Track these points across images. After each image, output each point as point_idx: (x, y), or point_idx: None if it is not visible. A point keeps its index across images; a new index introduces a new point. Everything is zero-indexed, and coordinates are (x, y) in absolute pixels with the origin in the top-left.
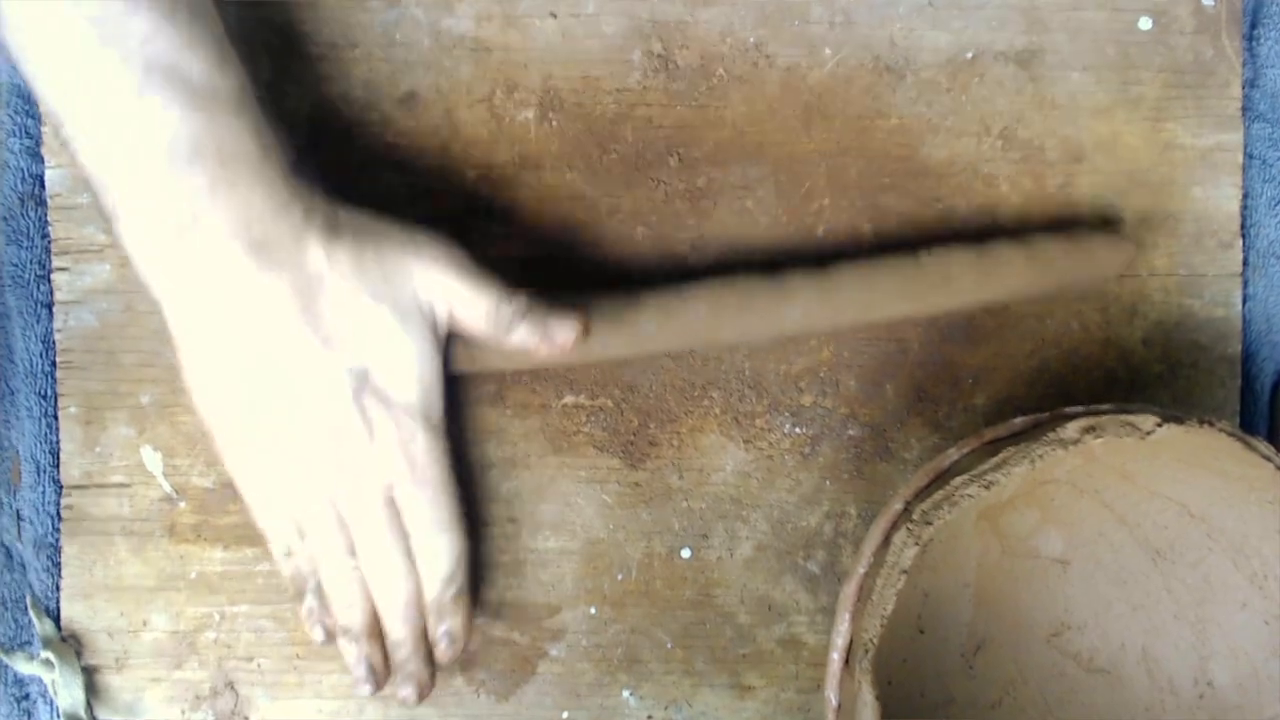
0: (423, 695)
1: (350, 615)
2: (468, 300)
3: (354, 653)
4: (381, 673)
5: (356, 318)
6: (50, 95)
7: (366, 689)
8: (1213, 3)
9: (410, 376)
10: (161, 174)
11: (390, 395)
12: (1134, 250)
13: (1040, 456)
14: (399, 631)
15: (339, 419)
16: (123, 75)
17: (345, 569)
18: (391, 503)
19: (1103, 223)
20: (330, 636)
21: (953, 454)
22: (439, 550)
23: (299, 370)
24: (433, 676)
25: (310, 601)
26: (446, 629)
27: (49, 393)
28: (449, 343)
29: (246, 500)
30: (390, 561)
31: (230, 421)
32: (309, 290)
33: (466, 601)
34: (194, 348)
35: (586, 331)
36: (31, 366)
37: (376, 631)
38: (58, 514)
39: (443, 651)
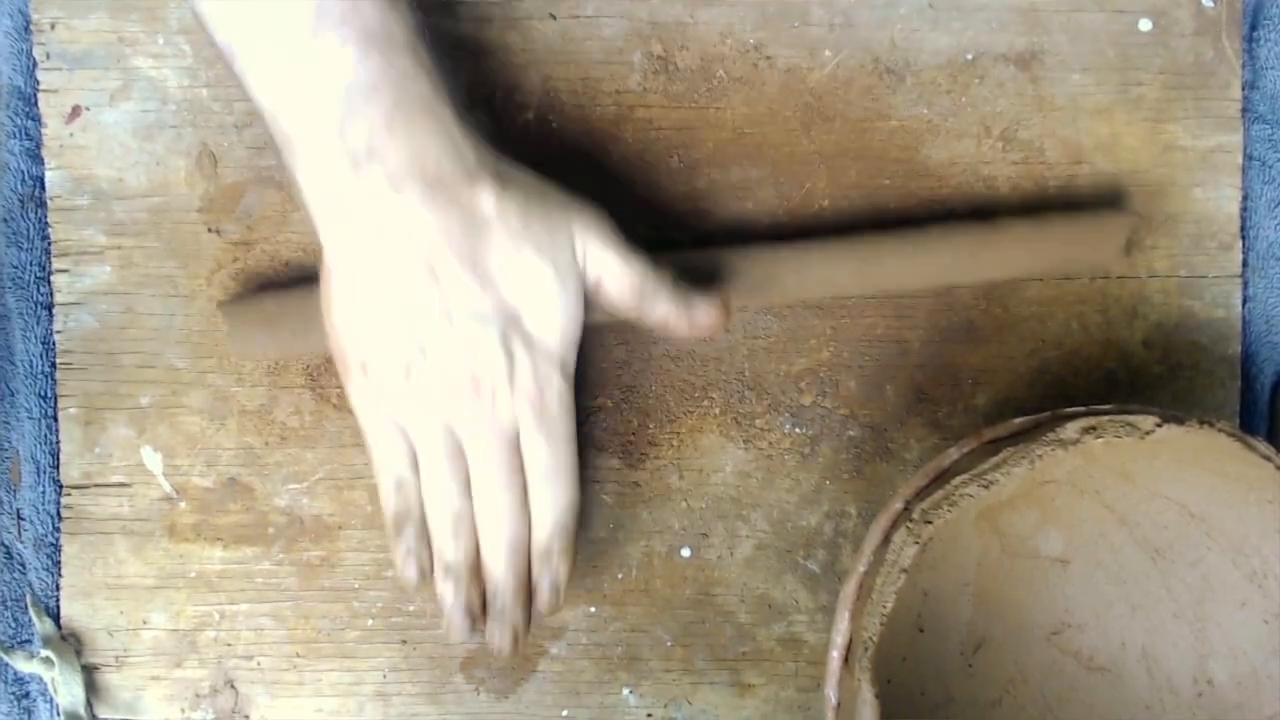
0: (517, 644)
1: (455, 553)
2: (617, 271)
3: (452, 593)
4: (478, 616)
5: (518, 266)
6: (223, 30)
7: (462, 631)
8: (1213, 4)
9: (557, 327)
10: (339, 111)
11: (535, 340)
12: (1138, 221)
13: (1040, 456)
14: (502, 574)
15: (483, 354)
16: (298, 15)
17: (456, 505)
18: (515, 445)
19: (1106, 205)
20: (424, 577)
21: (953, 454)
22: (554, 498)
23: (453, 304)
24: (528, 627)
25: (409, 539)
26: (551, 578)
27: (49, 394)
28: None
29: (365, 430)
30: (505, 501)
31: (369, 351)
32: (476, 232)
33: (573, 555)
34: (348, 277)
35: (729, 314)
36: (31, 367)
37: (478, 573)
38: (58, 513)
39: (545, 600)
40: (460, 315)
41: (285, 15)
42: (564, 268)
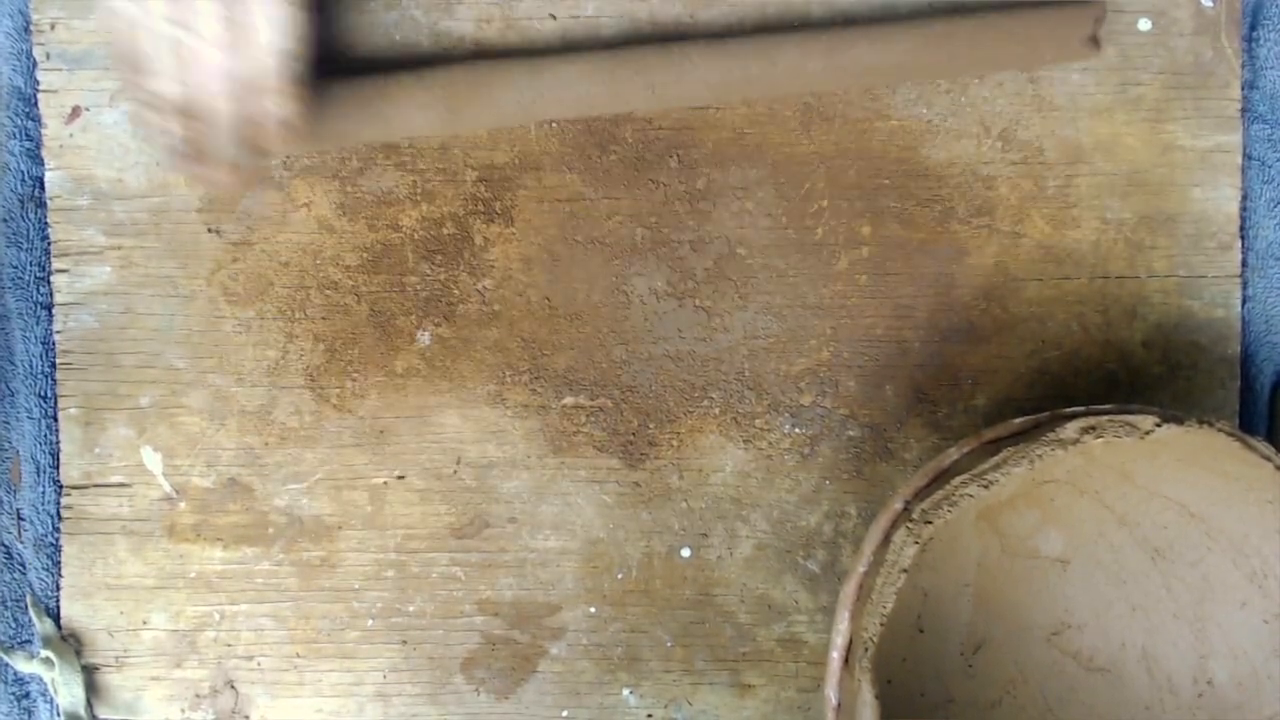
0: (237, 180)
1: (165, 83)
2: None
3: (160, 124)
4: (193, 151)
5: None
6: None
7: (177, 165)
8: (1212, 4)
9: None
10: None
11: None
12: (1103, 10)
13: (1040, 456)
14: (218, 105)
15: None
16: None
17: (162, 26)
18: None
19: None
20: (150, 114)
21: (952, 454)
22: (271, 15)
23: None
24: (252, 165)
25: (126, 73)
26: (276, 109)
27: (49, 394)
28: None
29: None
30: (212, 18)
31: None
32: None
33: (299, 87)
34: None
35: None
36: (31, 368)
37: (194, 110)
38: (58, 514)
39: (270, 132)
40: None
41: None
42: None
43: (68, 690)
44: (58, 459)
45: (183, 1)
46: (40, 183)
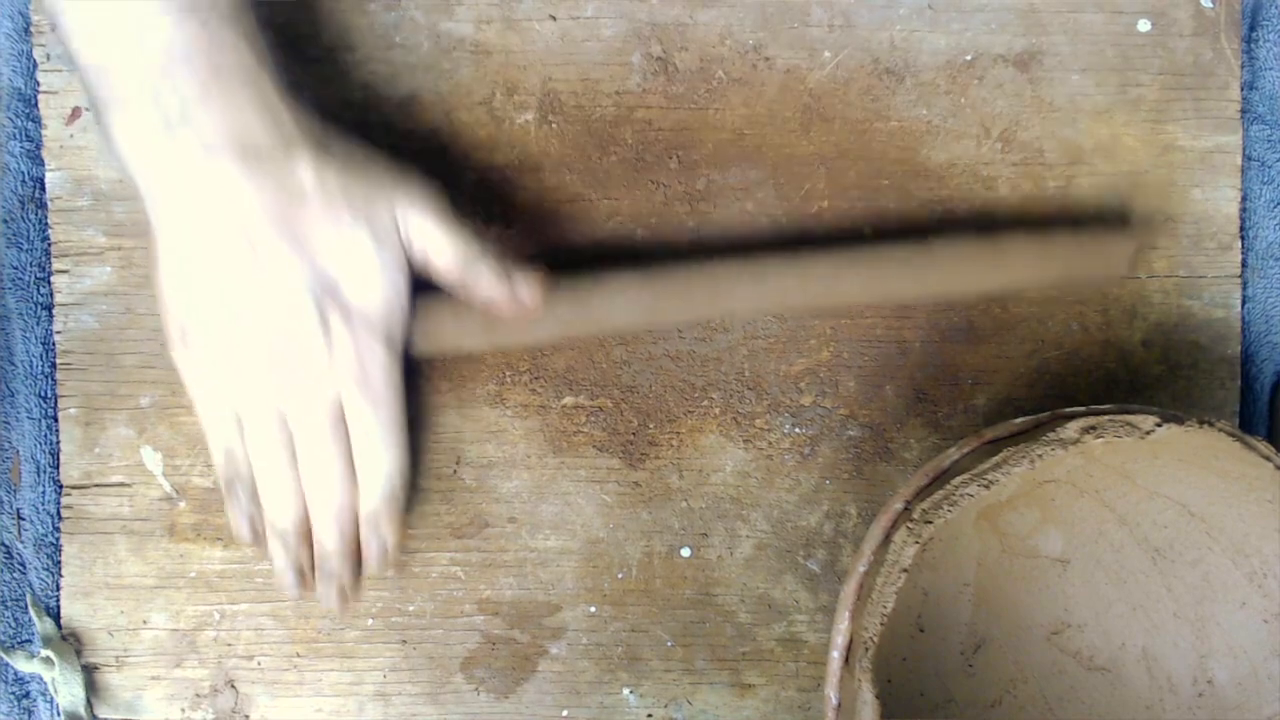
0: (345, 602)
1: (283, 516)
2: (442, 242)
3: (282, 553)
4: (308, 576)
5: (334, 234)
6: None
7: (291, 590)
8: (1211, 5)
9: (378, 297)
10: (154, 76)
11: (354, 310)
12: (1135, 246)
13: (1040, 456)
14: (330, 537)
15: (299, 326)
16: None
17: (283, 469)
18: (339, 413)
19: (1112, 220)
20: (258, 536)
21: (953, 453)
22: (380, 465)
23: (269, 271)
24: (357, 586)
25: (241, 502)
26: (379, 544)
27: (49, 394)
28: (415, 313)
29: (193, 396)
30: (330, 467)
31: (192, 314)
32: (291, 201)
33: (401, 519)
34: (170, 242)
35: (541, 290)
36: (31, 368)
37: (307, 536)
38: (58, 513)
39: (373, 564)
40: (276, 285)
41: None
42: (383, 237)
43: (68, 690)
44: (58, 459)
45: (298, 445)
46: (40, 183)
